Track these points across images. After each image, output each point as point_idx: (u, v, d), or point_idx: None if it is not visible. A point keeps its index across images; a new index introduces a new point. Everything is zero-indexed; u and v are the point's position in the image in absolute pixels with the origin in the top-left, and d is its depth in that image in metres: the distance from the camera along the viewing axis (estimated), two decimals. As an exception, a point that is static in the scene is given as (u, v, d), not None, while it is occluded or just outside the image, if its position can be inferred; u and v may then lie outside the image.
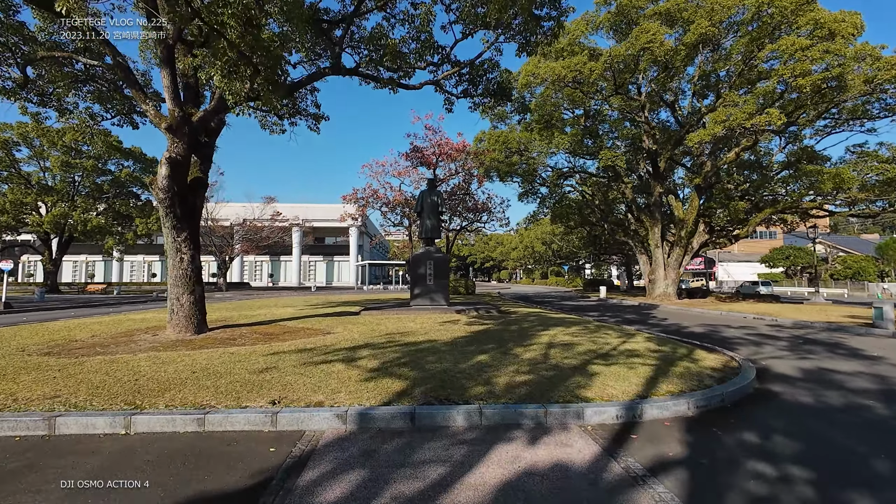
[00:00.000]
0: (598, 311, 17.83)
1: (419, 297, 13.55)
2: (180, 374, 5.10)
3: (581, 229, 33.66)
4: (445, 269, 13.78)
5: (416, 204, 14.40)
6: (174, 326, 8.13)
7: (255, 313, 12.45)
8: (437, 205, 14.26)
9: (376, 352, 6.38)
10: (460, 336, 7.81)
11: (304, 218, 54.45)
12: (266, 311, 13.44)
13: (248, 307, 15.16)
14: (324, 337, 7.81)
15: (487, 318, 11.05)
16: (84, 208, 32.63)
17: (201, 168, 8.81)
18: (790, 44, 13.18)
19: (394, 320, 10.18)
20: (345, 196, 21.21)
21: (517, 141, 21.59)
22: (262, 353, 6.32)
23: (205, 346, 6.88)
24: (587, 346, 6.97)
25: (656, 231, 23.28)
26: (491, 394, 4.49)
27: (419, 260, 13.60)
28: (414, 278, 13.62)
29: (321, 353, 6.33)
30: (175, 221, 8.06)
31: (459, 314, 11.84)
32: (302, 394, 4.44)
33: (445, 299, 13.63)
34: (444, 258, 13.85)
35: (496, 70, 9.91)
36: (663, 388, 4.84)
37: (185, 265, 8.22)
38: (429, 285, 13.56)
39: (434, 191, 14.48)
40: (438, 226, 14.60)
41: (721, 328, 11.95)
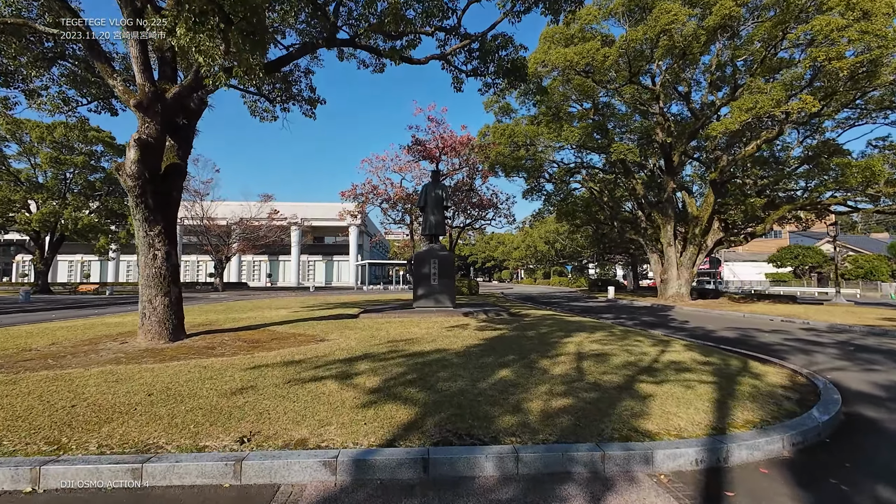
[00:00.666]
0: (612, 312, 16.82)
1: (423, 299, 12.54)
2: (132, 396, 4.09)
3: (587, 228, 32.67)
4: (451, 267, 12.77)
5: (419, 198, 13.40)
6: (145, 333, 7.12)
7: (244, 316, 11.44)
8: (441, 199, 13.26)
9: (376, 365, 5.37)
10: (473, 344, 6.80)
11: (303, 217, 53.47)
12: (257, 313, 12.43)
13: (240, 309, 14.15)
14: (316, 345, 6.80)
15: (499, 322, 10.03)
16: (75, 206, 31.61)
17: (179, 153, 7.80)
18: (825, 24, 12.18)
19: (396, 324, 9.16)
20: (343, 192, 20.21)
21: (524, 134, 20.58)
22: (241, 366, 5.31)
23: (176, 357, 5.87)
24: (623, 357, 5.95)
25: (669, 229, 22.26)
26: (525, 426, 3.48)
27: (422, 258, 12.59)
28: (417, 278, 12.61)
29: (311, 366, 5.32)
30: (147, 213, 7.05)
31: (467, 317, 10.82)
32: (281, 426, 3.43)
33: (451, 301, 12.63)
34: (450, 256, 12.85)
35: (509, 47, 8.89)
36: (739, 417, 3.84)
37: (159, 263, 7.21)
38: (433, 285, 12.56)
39: (438, 184, 13.48)
40: (443, 221, 13.60)
41: (753, 332, 10.94)
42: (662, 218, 22.41)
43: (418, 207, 13.78)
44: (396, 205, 20.80)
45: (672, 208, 22.10)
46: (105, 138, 33.54)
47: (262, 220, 39.60)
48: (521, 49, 8.86)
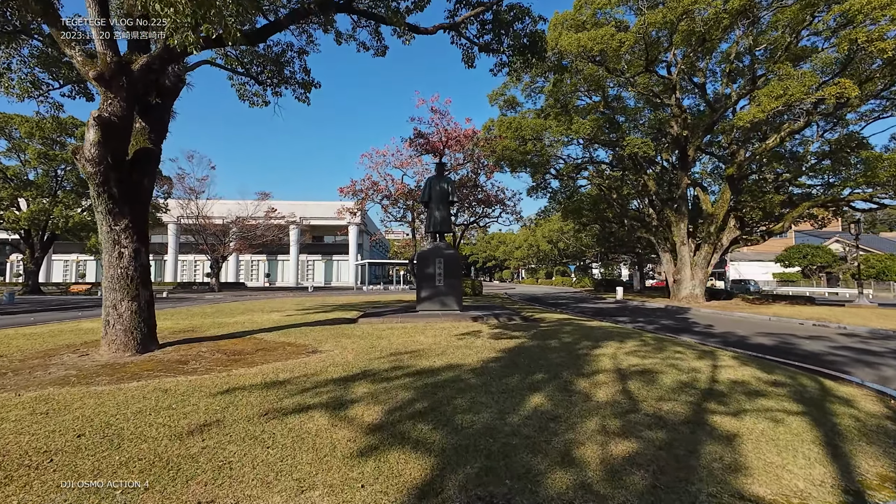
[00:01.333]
0: (626, 315, 15.83)
1: (427, 301, 11.56)
2: (57, 438, 3.10)
3: (593, 226, 31.68)
4: (457, 267, 11.79)
5: (423, 192, 12.42)
6: (109, 344, 6.13)
7: (232, 321, 10.45)
8: (447, 193, 12.28)
9: (377, 388, 4.38)
10: (491, 358, 5.81)
11: (302, 216, 52.45)
12: (248, 317, 11.44)
13: (230, 312, 13.16)
14: (307, 359, 5.81)
15: (514, 328, 9.05)
16: (66, 204, 30.62)
17: (151, 137, 6.81)
18: (864, 2, 11.18)
19: (399, 331, 8.18)
20: (342, 188, 19.21)
21: (531, 128, 19.59)
22: (210, 389, 4.32)
23: (137, 376, 4.88)
24: (673, 376, 4.97)
25: (682, 227, 21.28)
26: (586, 490, 2.49)
27: (427, 258, 11.61)
28: (421, 279, 11.63)
29: (297, 389, 4.33)
30: (110, 204, 6.06)
31: (478, 323, 9.83)
32: (245, 491, 2.45)
33: (458, 303, 11.64)
34: (456, 255, 11.86)
35: (525, 19, 7.90)
36: (867, 469, 2.85)
37: (126, 262, 6.23)
38: (438, 287, 11.58)
39: (443, 177, 12.49)
40: (449, 218, 12.62)
41: (791, 339, 9.95)
42: (675, 215, 21.42)
43: (422, 202, 12.81)
44: (398, 201, 19.80)
45: (686, 205, 21.12)
46: (97, 134, 32.52)
47: (259, 218, 38.62)
48: (540, 21, 7.86)
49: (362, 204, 19.42)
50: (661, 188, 23.11)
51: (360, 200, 19.40)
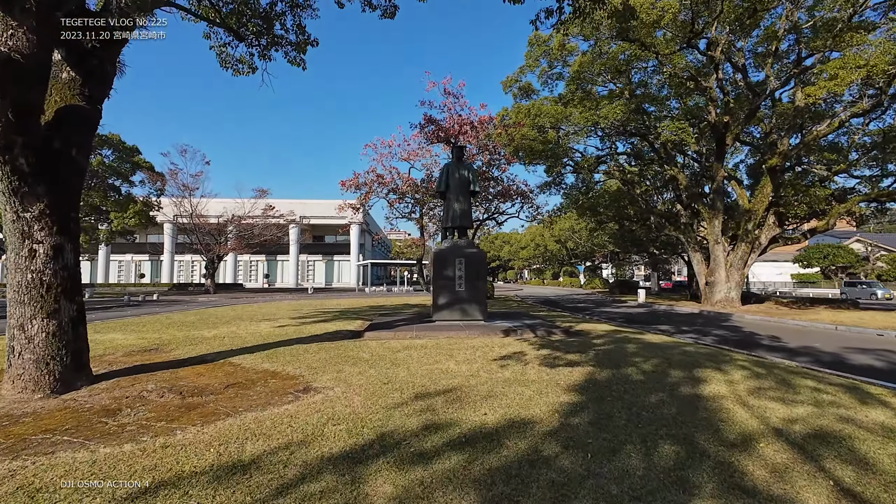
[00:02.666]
0: (664, 322, 13.98)
1: (446, 309, 9.73)
2: None
3: (609, 225, 29.81)
4: (482, 269, 9.95)
5: (439, 181, 10.58)
6: (13, 380, 4.30)
7: (212, 334, 8.62)
8: (467, 182, 10.44)
9: (410, 482, 2.54)
10: (565, 405, 3.96)
11: (302, 214, 50.61)
12: (232, 328, 9.61)
13: (214, 320, 11.34)
14: (295, 405, 3.97)
15: (562, 346, 7.20)
16: None
17: (84, 92, 4.98)
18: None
19: (418, 353, 6.34)
20: (343, 182, 17.38)
21: (551, 115, 17.74)
22: (120, 488, 2.49)
23: (22, 446, 3.06)
24: (874, 446, 3.12)
25: (716, 224, 19.42)
26: None
27: (445, 258, 9.78)
28: (438, 283, 9.79)
29: (269, 489, 2.50)
30: (16, 181, 4.24)
31: (510, 337, 7.98)
32: None
33: (482, 312, 9.81)
34: (480, 255, 10.04)
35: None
36: None
37: (40, 264, 4.40)
38: (458, 292, 9.74)
39: (463, 163, 10.65)
40: (470, 211, 10.78)
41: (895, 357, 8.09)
42: (709, 211, 19.56)
43: (437, 193, 10.98)
44: (405, 196, 17.97)
45: (721, 200, 19.25)
46: (85, 127, 30.75)
47: (256, 217, 36.81)
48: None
49: (366, 198, 17.59)
50: (691, 182, 21.21)
51: (364, 195, 17.56)
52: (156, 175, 33.82)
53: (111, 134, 33.25)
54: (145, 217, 32.20)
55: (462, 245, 10.10)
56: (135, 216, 30.64)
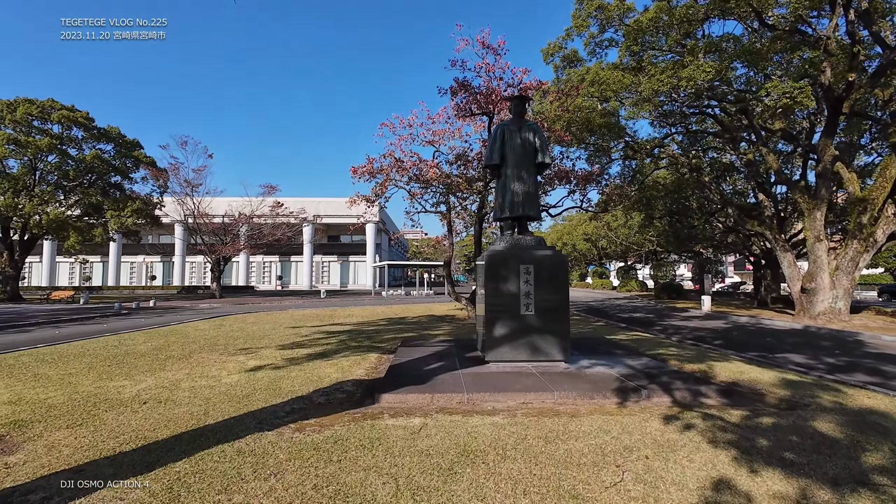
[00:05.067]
0: (790, 349, 10.24)
1: (506, 344, 6.28)
2: None
3: (662, 220, 25.87)
4: (561, 281, 6.47)
5: (489, 151, 7.13)
6: None
7: (133, 391, 5.36)
8: (533, 149, 6.98)
9: None
10: None
11: (315, 213, 47.73)
12: (178, 372, 6.36)
13: (169, 351, 8.14)
14: None
15: (765, 441, 3.68)
16: (42, 198, 26.45)
17: None
18: None
19: (493, 478, 2.93)
20: (355, 168, 14.09)
21: (613, 82, 14.09)
22: None
23: None
24: None
25: (818, 217, 15.48)
26: None
27: (502, 265, 6.36)
28: (493, 303, 6.35)
29: None
30: None
31: (632, 402, 4.44)
32: None
33: (562, 348, 6.33)
34: (558, 260, 6.55)
35: None
36: None
37: None
38: (525, 318, 6.29)
39: (526, 123, 7.17)
40: (537, 193, 7.30)
41: None
42: (809, 202, 15.60)
43: (487, 167, 7.52)
44: (429, 186, 14.59)
45: (827, 187, 15.28)
46: (80, 118, 28.37)
47: (265, 216, 34.02)
48: None
49: (382, 189, 14.26)
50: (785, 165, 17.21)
51: (380, 184, 14.24)
52: (158, 171, 31.31)
53: (110, 126, 30.87)
54: (146, 216, 29.65)
55: (528, 244, 6.64)
56: (133, 215, 28.07)
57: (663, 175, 23.88)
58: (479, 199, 14.57)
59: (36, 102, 27.09)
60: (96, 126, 29.89)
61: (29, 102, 26.78)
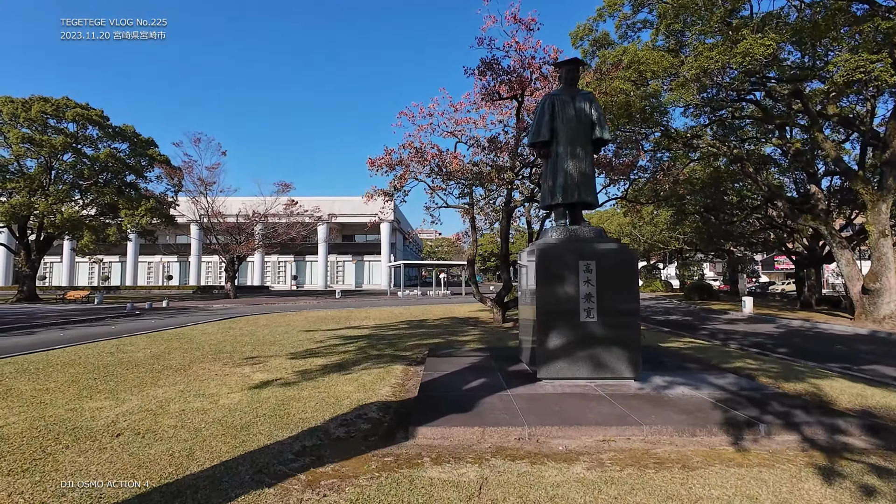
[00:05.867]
0: (869, 360, 8.87)
1: (562, 358, 5.15)
2: None
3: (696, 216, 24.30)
4: (629, 280, 5.31)
5: (536, 125, 6.00)
6: None
7: (112, 414, 4.40)
8: (590, 121, 5.84)
9: None
10: None
11: (330, 212, 47.16)
12: (173, 388, 5.40)
13: (168, 360, 7.22)
14: None
15: None
16: (56, 197, 26.16)
17: None
18: None
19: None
20: (372, 160, 13.09)
21: (654, 63, 12.78)
22: None
23: None
24: None
25: (882, 209, 13.94)
26: None
27: (555, 259, 5.24)
28: (545, 308, 5.21)
29: None
30: None
31: (748, 439, 3.28)
32: None
33: (631, 362, 5.18)
34: (624, 254, 5.39)
35: None
36: None
37: None
38: (586, 325, 5.16)
39: (581, 92, 6.03)
40: (593, 175, 6.15)
41: None
42: (874, 193, 14.07)
43: (532, 145, 6.36)
44: (452, 178, 13.50)
45: (894, 175, 13.73)
46: (94, 117, 28.06)
47: (279, 215, 33.39)
48: None
49: (401, 181, 13.24)
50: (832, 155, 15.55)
51: (399, 176, 13.22)
52: (172, 170, 30.89)
53: (125, 125, 30.57)
54: (160, 215, 29.24)
55: (587, 236, 5.51)
56: (147, 213, 27.64)
57: (695, 168, 22.37)
58: (507, 191, 13.44)
59: (51, 101, 26.83)
60: (111, 124, 29.58)
61: (44, 101, 26.53)
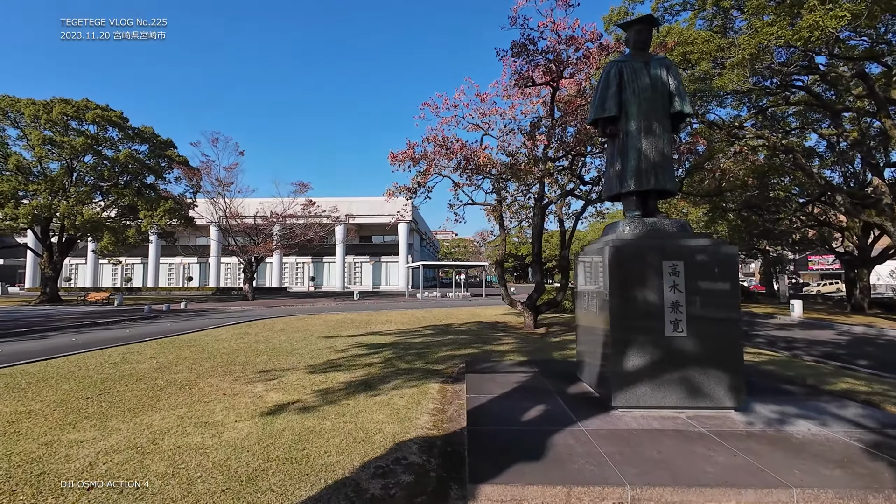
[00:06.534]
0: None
1: (641, 382, 4.09)
2: None
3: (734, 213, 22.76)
4: (730, 285, 4.25)
5: (600, 98, 4.97)
6: None
7: (91, 452, 3.59)
8: (667, 92, 4.78)
9: None
10: None
11: (347, 213, 46.72)
12: (170, 415, 4.58)
13: (170, 374, 6.43)
14: None
15: None
16: (77, 199, 26.13)
17: None
18: None
19: None
20: (394, 154, 12.22)
21: (703, 43, 11.55)
22: None
23: None
24: None
25: (963, 202, 12.43)
26: None
27: (633, 258, 4.18)
28: (620, 316, 4.19)
29: None
30: None
31: None
32: None
33: (733, 389, 4.09)
34: (724, 253, 4.32)
35: None
36: None
37: None
38: (672, 341, 4.08)
39: (655, 57, 4.99)
40: (672, 155, 5.11)
41: None
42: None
43: (596, 122, 5.32)
44: (480, 173, 12.54)
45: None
46: (114, 118, 28.02)
47: (297, 216, 32.94)
48: None
49: (425, 177, 12.34)
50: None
51: (423, 171, 12.32)
52: (191, 170, 30.71)
53: (144, 126, 30.52)
54: (179, 216, 29.06)
55: (670, 230, 4.49)
56: (165, 215, 27.45)
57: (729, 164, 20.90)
58: (540, 186, 12.41)
59: (71, 102, 26.85)
60: (130, 126, 29.55)
61: (65, 102, 26.55)
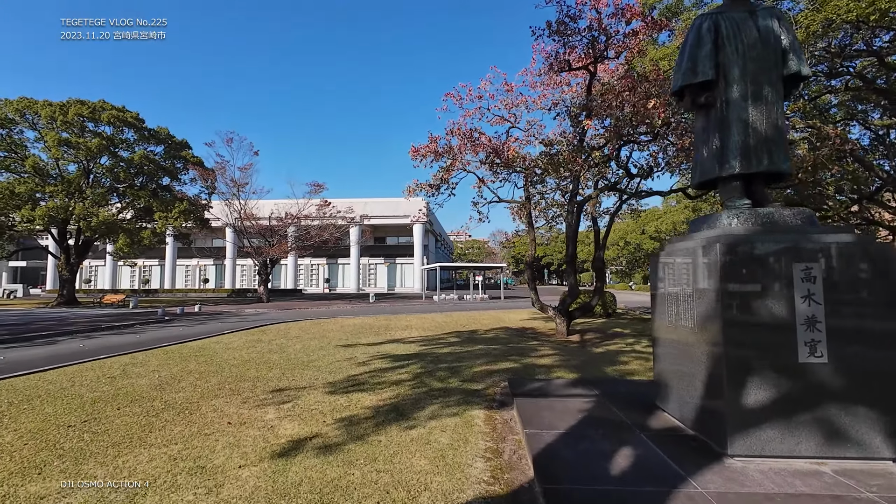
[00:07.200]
0: None
1: (768, 423, 3.04)
2: None
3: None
4: (889, 296, 3.22)
5: (689, 59, 3.97)
6: None
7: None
8: (780, 49, 3.75)
9: None
10: None
11: (362, 214, 46.08)
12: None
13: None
14: None
15: None
16: (93, 200, 25.94)
17: None
18: None
19: None
20: (416, 148, 11.36)
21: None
22: None
23: None
24: None
25: None
26: None
27: (748, 259, 3.13)
28: (732, 335, 3.16)
29: None
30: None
31: None
32: None
33: (891, 434, 3.04)
34: (877, 253, 3.26)
35: None
36: None
37: None
38: (809, 368, 3.02)
39: (761, 7, 3.98)
40: (784, 127, 4.05)
41: None
42: None
43: (681, 93, 4.33)
44: (509, 167, 11.57)
45: None
46: (130, 119, 27.82)
47: (312, 217, 32.39)
48: None
49: (448, 172, 11.43)
50: None
51: (446, 167, 11.42)
52: (206, 171, 30.38)
53: (159, 127, 30.32)
54: (194, 218, 28.73)
55: (795, 224, 3.49)
56: (180, 216, 27.11)
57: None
58: (574, 182, 11.39)
59: (87, 103, 26.72)
60: (146, 127, 29.35)
61: (80, 103, 26.43)
